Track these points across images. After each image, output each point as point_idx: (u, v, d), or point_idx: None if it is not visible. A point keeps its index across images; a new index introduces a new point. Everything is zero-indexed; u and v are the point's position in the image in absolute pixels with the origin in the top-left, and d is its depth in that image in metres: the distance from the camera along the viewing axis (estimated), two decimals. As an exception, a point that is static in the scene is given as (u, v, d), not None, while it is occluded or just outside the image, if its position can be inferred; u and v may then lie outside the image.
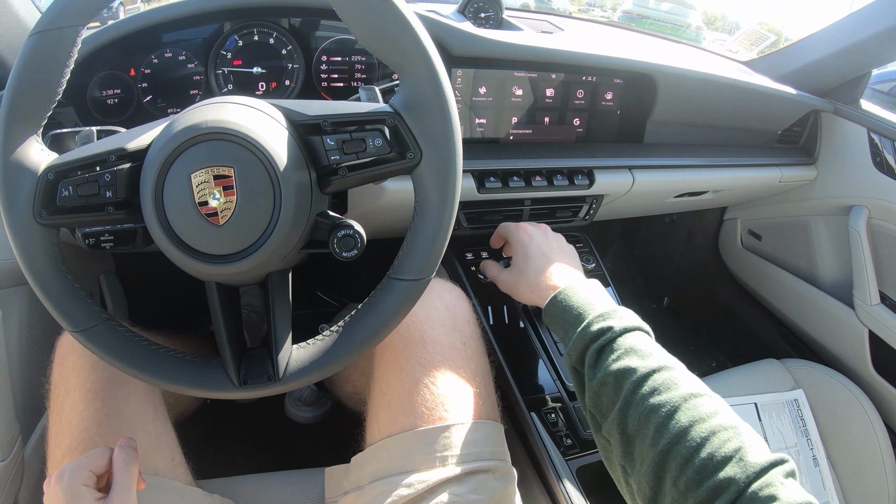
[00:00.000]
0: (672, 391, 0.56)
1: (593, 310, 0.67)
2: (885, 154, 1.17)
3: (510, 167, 0.92)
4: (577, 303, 0.69)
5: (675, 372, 0.59)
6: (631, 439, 0.57)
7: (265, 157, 0.52)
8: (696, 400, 0.55)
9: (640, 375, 0.58)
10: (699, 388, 0.57)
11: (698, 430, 0.52)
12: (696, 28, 3.15)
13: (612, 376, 0.60)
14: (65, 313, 0.56)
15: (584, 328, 0.65)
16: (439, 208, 0.56)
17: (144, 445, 0.66)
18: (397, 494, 0.64)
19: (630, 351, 0.61)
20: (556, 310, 0.71)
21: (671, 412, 0.54)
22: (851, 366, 1.25)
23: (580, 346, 0.65)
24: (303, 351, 0.59)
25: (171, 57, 0.86)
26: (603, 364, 0.62)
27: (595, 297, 0.70)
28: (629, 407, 0.57)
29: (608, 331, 0.63)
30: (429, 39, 0.55)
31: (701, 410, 0.54)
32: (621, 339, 0.62)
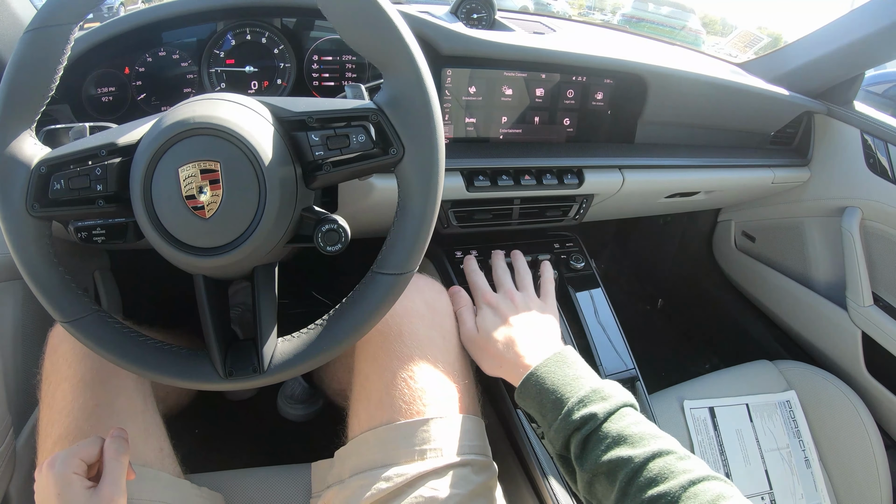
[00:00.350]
0: (670, 480, 0.54)
1: (572, 393, 0.64)
2: (878, 155, 1.17)
3: (499, 166, 0.93)
4: (553, 385, 0.66)
5: (671, 457, 0.56)
6: None
7: (251, 152, 0.53)
8: (695, 487, 0.53)
9: (634, 466, 0.56)
10: (698, 471, 0.55)
11: None
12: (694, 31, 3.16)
13: (604, 468, 0.57)
14: (55, 304, 0.57)
15: (565, 416, 0.62)
16: (422, 203, 0.57)
17: (133, 436, 0.67)
18: (377, 488, 0.64)
19: (619, 439, 0.58)
20: (529, 393, 0.67)
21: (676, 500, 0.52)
22: (844, 367, 1.25)
23: (563, 436, 0.62)
24: (288, 344, 0.60)
25: (165, 56, 0.88)
26: (591, 455, 0.59)
27: (571, 374, 0.67)
28: (625, 499, 0.55)
29: (591, 418, 0.60)
30: (412, 37, 0.55)
31: (703, 498, 0.52)
32: (607, 425, 0.60)
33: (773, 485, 1.05)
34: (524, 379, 0.69)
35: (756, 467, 1.06)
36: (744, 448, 1.07)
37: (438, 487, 0.65)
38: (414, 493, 0.64)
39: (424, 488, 0.64)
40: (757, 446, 1.08)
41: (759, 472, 1.05)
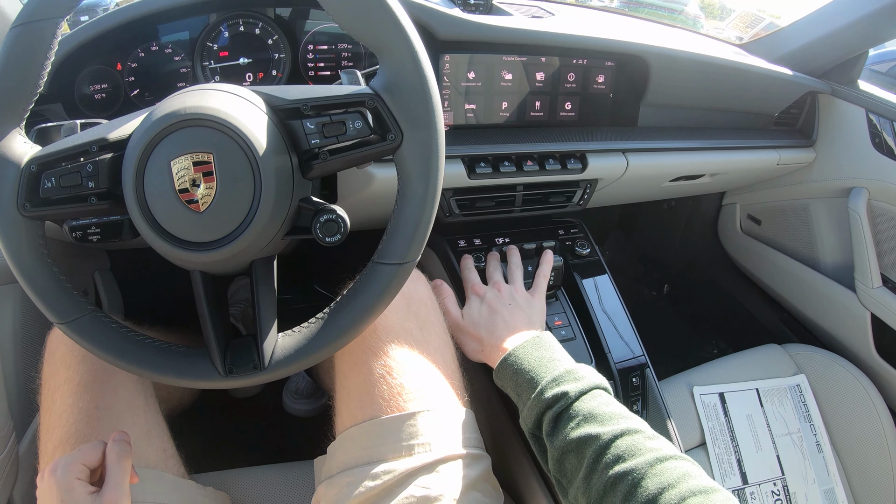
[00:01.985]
0: (637, 457, 0.55)
1: (546, 373, 0.66)
2: (884, 135, 1.16)
3: (501, 152, 0.91)
4: (529, 365, 0.68)
5: (639, 436, 0.57)
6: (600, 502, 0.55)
7: (244, 143, 0.51)
8: (662, 465, 0.54)
9: (602, 443, 0.57)
10: (665, 450, 0.56)
11: (668, 498, 0.51)
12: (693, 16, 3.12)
13: (573, 444, 0.59)
14: (50, 305, 0.56)
15: (538, 394, 0.64)
16: (422, 190, 0.55)
17: (135, 438, 0.66)
18: (365, 486, 0.62)
19: (589, 417, 0.60)
20: (506, 373, 0.70)
21: (638, 480, 0.53)
22: (854, 350, 1.24)
23: (535, 413, 0.64)
24: (288, 339, 0.59)
25: (157, 50, 0.86)
26: (562, 432, 0.61)
27: (547, 356, 0.69)
28: (593, 475, 0.56)
29: (563, 396, 0.62)
30: (408, 20, 0.54)
31: (669, 476, 0.53)
32: (578, 404, 0.61)
33: (784, 470, 1.04)
34: (502, 360, 0.71)
35: (768, 453, 1.05)
36: (755, 434, 1.06)
37: (429, 485, 0.63)
38: (404, 493, 0.62)
39: (415, 487, 0.62)
40: (768, 431, 1.07)
41: (771, 457, 1.04)
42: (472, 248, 0.97)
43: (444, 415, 0.68)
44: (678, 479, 0.52)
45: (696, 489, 0.51)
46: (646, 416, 0.87)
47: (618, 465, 0.55)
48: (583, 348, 0.90)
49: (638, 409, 0.87)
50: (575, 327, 0.92)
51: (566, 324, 0.91)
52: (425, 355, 0.72)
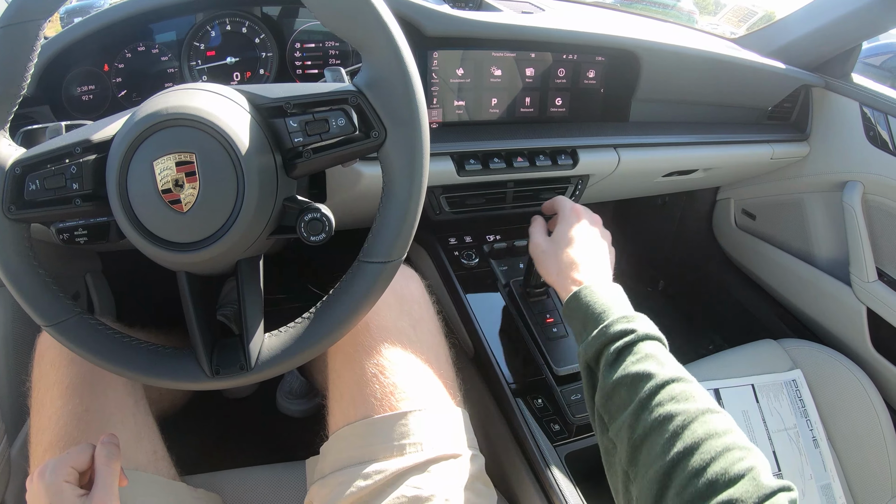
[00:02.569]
0: (689, 402, 0.55)
1: (617, 311, 0.65)
2: (878, 128, 1.15)
3: (491, 149, 0.91)
4: (601, 301, 0.67)
5: (693, 385, 0.58)
6: (639, 444, 0.55)
7: (226, 142, 0.51)
8: (711, 415, 0.54)
9: (657, 382, 0.57)
10: (715, 405, 0.56)
11: (713, 445, 0.51)
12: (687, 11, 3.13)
13: (629, 378, 0.58)
14: (36, 308, 0.55)
15: (607, 326, 0.63)
16: (406, 187, 0.55)
17: (125, 440, 0.66)
18: (356, 486, 0.62)
19: (650, 356, 0.59)
20: (578, 304, 0.68)
21: (686, 423, 0.53)
22: (850, 344, 1.23)
23: (598, 344, 0.63)
24: (275, 339, 0.58)
25: (144, 51, 0.86)
26: (621, 365, 0.60)
27: (618, 299, 0.68)
28: (643, 411, 0.56)
29: (630, 333, 0.62)
30: (391, 16, 0.53)
31: (717, 426, 0.53)
32: (642, 344, 0.61)
33: (781, 466, 1.03)
34: (581, 288, 0.69)
35: (764, 449, 1.04)
36: (751, 430, 1.05)
37: (421, 485, 0.62)
38: (396, 493, 0.61)
39: (406, 486, 0.62)
40: (764, 427, 1.06)
41: (767, 453, 1.04)
42: (463, 246, 0.97)
43: (437, 414, 0.68)
44: (725, 430, 0.53)
45: (739, 444, 0.52)
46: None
47: (669, 405, 0.55)
48: (575, 346, 0.89)
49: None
50: (567, 325, 0.91)
51: (558, 321, 0.91)
52: (418, 354, 0.72)
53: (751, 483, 0.48)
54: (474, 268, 0.94)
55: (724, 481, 0.48)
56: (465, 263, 0.95)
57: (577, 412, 0.82)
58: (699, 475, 0.50)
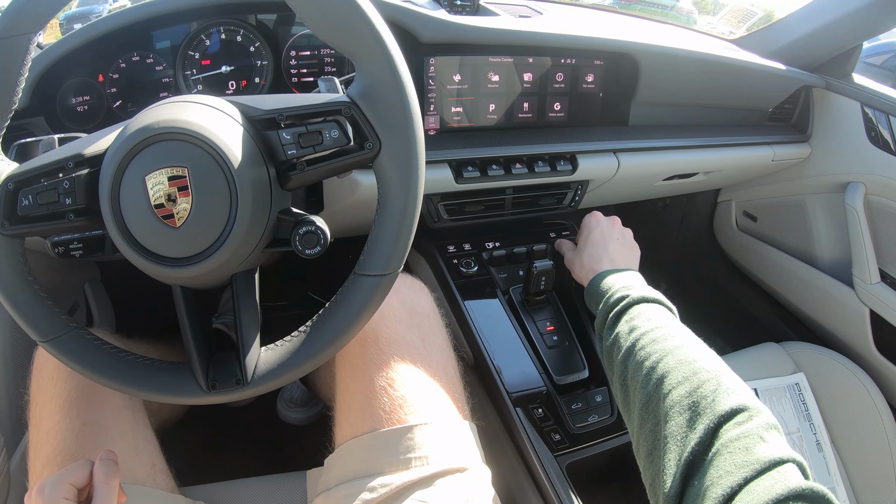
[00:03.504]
0: (667, 342, 0.61)
1: (619, 285, 0.74)
2: (879, 128, 1.14)
3: (489, 155, 0.90)
4: (609, 281, 0.76)
5: (672, 328, 0.64)
6: (627, 388, 0.62)
7: (218, 155, 0.50)
8: (684, 348, 0.60)
9: (641, 332, 0.64)
10: (692, 340, 0.62)
11: (681, 371, 0.56)
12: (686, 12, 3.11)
13: (620, 335, 0.66)
14: (32, 323, 0.55)
15: (608, 297, 0.73)
16: (402, 199, 0.54)
17: (123, 454, 0.65)
18: (361, 498, 0.62)
19: (640, 315, 0.67)
20: (592, 288, 0.78)
21: (661, 357, 0.59)
22: (853, 347, 1.23)
23: (603, 314, 0.72)
24: (271, 353, 0.58)
25: (139, 61, 0.85)
26: (616, 325, 0.68)
27: (627, 278, 0.77)
28: (628, 359, 0.63)
29: (625, 298, 0.70)
30: (382, 23, 0.53)
31: (686, 355, 0.58)
32: (636, 307, 0.69)
33: (785, 470, 1.02)
34: (595, 275, 0.80)
35: (767, 453, 1.03)
36: (753, 434, 1.05)
37: (426, 498, 0.62)
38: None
39: (411, 500, 0.62)
40: (767, 431, 1.06)
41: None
42: (462, 254, 0.96)
43: (444, 428, 0.68)
44: (693, 358, 0.58)
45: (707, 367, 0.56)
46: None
47: (649, 346, 0.61)
48: (576, 354, 0.89)
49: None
50: (567, 332, 0.91)
51: (558, 329, 0.90)
52: (427, 368, 0.72)
53: (710, 405, 0.52)
54: (473, 275, 0.93)
55: (687, 405, 0.53)
56: (464, 271, 0.94)
57: (577, 422, 0.81)
58: (665, 400, 0.55)
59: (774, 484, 0.43)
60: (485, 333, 0.88)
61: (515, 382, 0.84)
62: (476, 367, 0.88)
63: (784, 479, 0.43)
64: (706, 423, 0.50)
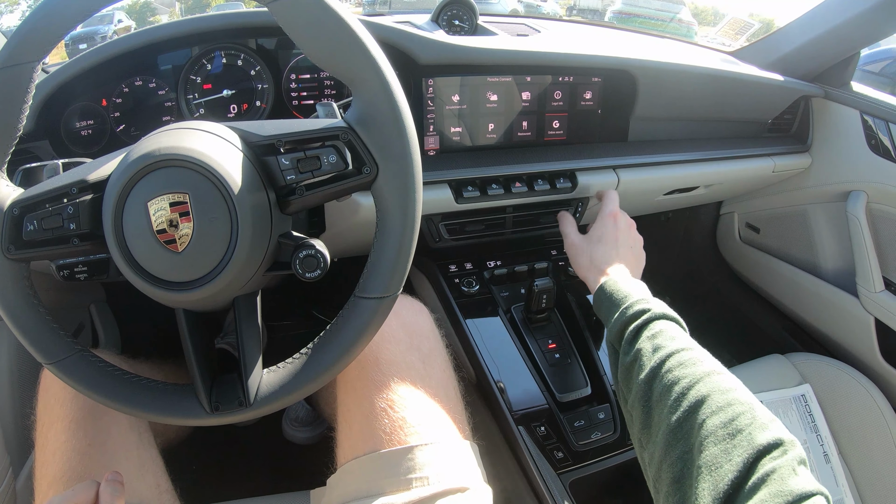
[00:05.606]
0: (696, 366, 0.59)
1: (636, 296, 0.72)
2: (879, 136, 1.14)
3: (489, 175, 0.91)
4: (624, 289, 0.74)
5: (699, 352, 0.62)
6: (651, 410, 0.60)
7: (219, 182, 0.51)
8: (716, 376, 0.58)
9: (667, 352, 0.62)
10: (720, 367, 0.60)
11: (715, 401, 0.54)
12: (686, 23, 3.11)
13: (642, 352, 0.64)
14: (37, 346, 0.56)
15: (626, 308, 0.70)
16: (400, 222, 0.55)
17: (129, 474, 0.66)
18: None
19: (662, 332, 0.65)
20: (604, 293, 0.76)
21: (692, 384, 0.57)
22: (859, 356, 1.22)
23: (620, 325, 0.70)
24: (273, 375, 0.58)
25: (141, 85, 0.87)
26: (637, 341, 0.66)
27: (639, 288, 0.75)
28: (654, 380, 0.61)
29: (646, 312, 0.68)
30: (379, 50, 0.54)
31: (720, 384, 0.56)
32: (657, 322, 0.67)
33: (792, 483, 1.01)
34: (606, 279, 0.78)
35: (774, 466, 1.03)
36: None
37: None
38: None
39: None
40: (773, 444, 1.05)
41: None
42: (463, 273, 0.96)
43: (445, 448, 0.68)
44: (727, 388, 0.56)
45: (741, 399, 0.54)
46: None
47: (677, 370, 0.59)
48: (578, 371, 0.89)
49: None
50: (569, 350, 0.91)
51: (560, 346, 0.90)
52: (427, 389, 0.72)
53: (747, 439, 0.50)
54: (475, 294, 0.93)
55: (723, 435, 0.51)
56: (466, 290, 0.94)
57: (580, 439, 0.81)
58: (701, 429, 0.53)
59: None
60: (487, 352, 0.89)
61: (518, 401, 0.84)
62: (478, 385, 0.89)
63: None
64: (745, 455, 0.49)
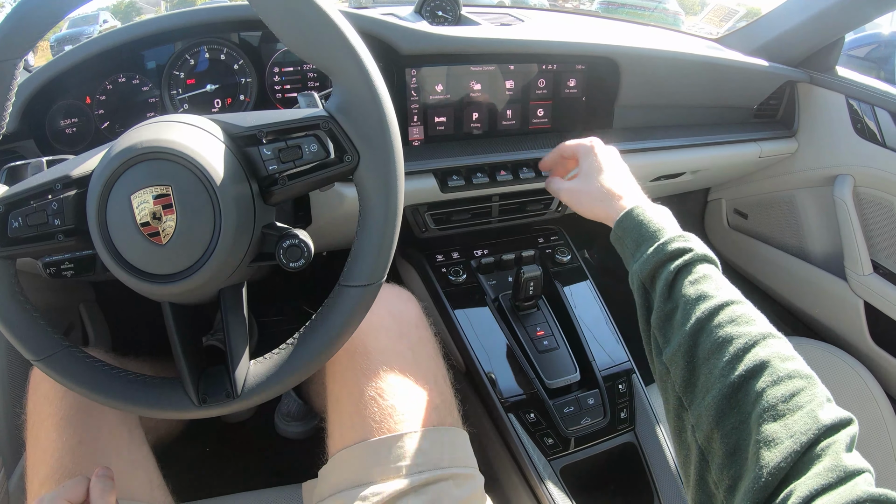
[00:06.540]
0: (750, 325, 0.52)
1: (671, 230, 0.63)
2: (865, 120, 1.15)
3: (474, 163, 0.91)
4: (655, 220, 0.65)
5: (751, 308, 0.55)
6: (698, 368, 0.53)
7: (201, 173, 0.51)
8: (773, 339, 0.51)
9: (716, 303, 0.54)
10: (774, 330, 0.53)
11: (776, 369, 0.48)
12: (672, 13, 3.11)
13: (687, 299, 0.56)
14: (24, 343, 0.56)
15: (663, 245, 0.60)
16: (383, 210, 0.55)
17: (120, 470, 0.66)
18: None
19: (707, 277, 0.57)
20: (630, 223, 0.66)
21: (749, 345, 0.50)
22: (849, 339, 1.23)
23: (654, 263, 0.60)
24: (260, 366, 0.58)
25: (125, 82, 0.86)
26: (679, 285, 0.58)
27: (670, 219, 0.67)
28: (701, 334, 0.54)
29: (688, 251, 0.59)
30: (357, 37, 0.54)
31: (780, 350, 0.50)
32: (701, 266, 0.58)
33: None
34: (634, 206, 0.67)
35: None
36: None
37: None
38: None
39: None
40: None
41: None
42: (450, 262, 0.97)
43: (434, 435, 0.68)
44: (788, 356, 0.50)
45: (802, 372, 0.49)
46: (634, 424, 0.86)
47: (729, 326, 0.52)
48: (566, 357, 0.89)
49: (625, 416, 0.86)
50: (558, 336, 0.91)
51: (549, 333, 0.91)
52: (416, 376, 0.72)
53: (809, 416, 0.46)
54: (462, 284, 0.94)
55: (784, 410, 0.46)
56: (453, 280, 0.95)
57: (569, 425, 0.82)
58: (759, 400, 0.47)
59: (853, 488, 0.41)
60: (475, 341, 0.89)
61: (507, 388, 0.85)
62: (467, 374, 0.89)
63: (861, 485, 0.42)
64: (807, 435, 0.45)
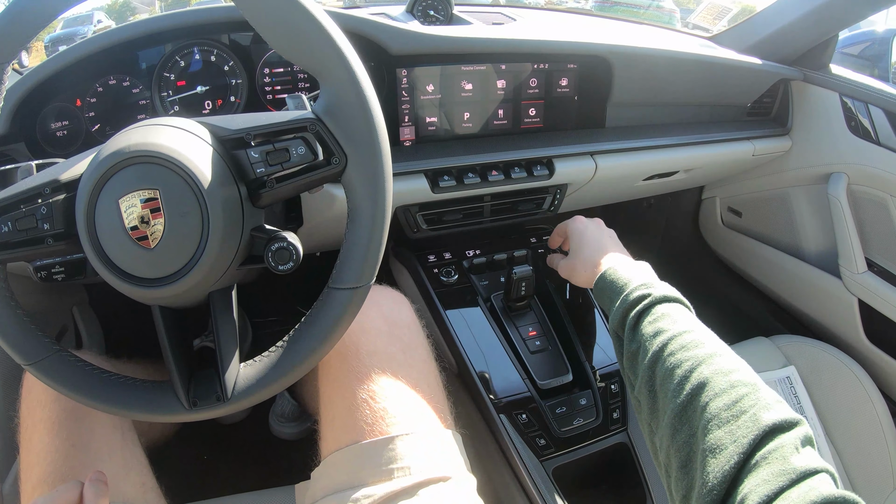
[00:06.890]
0: (698, 349, 0.57)
1: (637, 281, 0.70)
2: (859, 118, 1.15)
3: (465, 164, 0.91)
4: (623, 276, 0.72)
5: (701, 334, 0.60)
6: (656, 395, 0.59)
7: (189, 177, 0.51)
8: (718, 357, 0.56)
9: (669, 336, 0.60)
10: (723, 349, 0.59)
11: (718, 382, 0.53)
12: (668, 11, 3.10)
13: (645, 337, 0.63)
14: (15, 347, 0.56)
15: (627, 295, 0.68)
16: (371, 212, 0.55)
17: (113, 473, 0.66)
18: None
19: (664, 316, 0.63)
20: (603, 283, 0.74)
21: (695, 366, 0.55)
22: (843, 337, 1.23)
23: (622, 312, 0.68)
24: (250, 369, 0.58)
25: (115, 84, 0.86)
26: (640, 327, 0.65)
27: (639, 273, 0.73)
28: (657, 364, 0.59)
29: (646, 297, 0.66)
30: (344, 40, 0.54)
31: (723, 365, 0.55)
32: (659, 307, 0.65)
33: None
34: (604, 270, 0.76)
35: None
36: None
37: None
38: None
39: None
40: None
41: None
42: (442, 263, 0.96)
43: (427, 437, 0.68)
44: (730, 369, 0.54)
45: (744, 381, 0.53)
46: (627, 424, 0.86)
47: (680, 353, 0.58)
48: (559, 358, 0.89)
49: (618, 416, 0.86)
50: (550, 336, 0.91)
51: (541, 333, 0.91)
52: (409, 379, 0.72)
53: (752, 420, 0.49)
54: (454, 284, 0.93)
55: (727, 417, 0.50)
56: (445, 280, 0.95)
57: (561, 426, 0.82)
58: (704, 412, 0.52)
59: (809, 492, 0.43)
60: (467, 341, 0.89)
61: (499, 389, 0.85)
62: (459, 375, 0.89)
63: (817, 488, 0.43)
64: (750, 436, 0.48)
